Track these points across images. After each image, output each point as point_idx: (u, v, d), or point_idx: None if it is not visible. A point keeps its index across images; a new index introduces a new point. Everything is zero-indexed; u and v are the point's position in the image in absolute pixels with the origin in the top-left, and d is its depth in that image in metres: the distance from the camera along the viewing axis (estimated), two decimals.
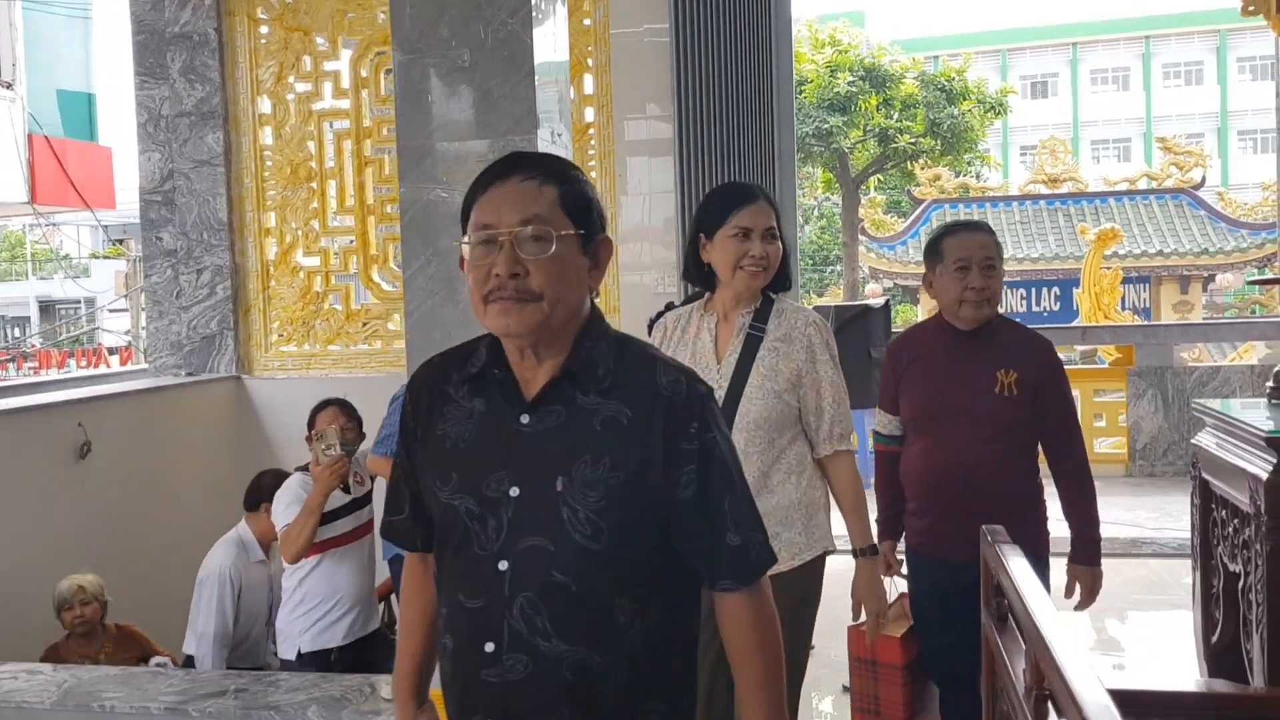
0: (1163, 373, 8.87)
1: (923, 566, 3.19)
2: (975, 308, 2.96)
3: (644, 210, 6.30)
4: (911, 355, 3.13)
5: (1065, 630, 1.45)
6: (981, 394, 2.96)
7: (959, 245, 3.00)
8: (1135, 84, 42.74)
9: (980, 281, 2.95)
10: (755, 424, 2.71)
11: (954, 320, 3.01)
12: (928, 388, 3.05)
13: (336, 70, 6.31)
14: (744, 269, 2.72)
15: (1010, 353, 3.00)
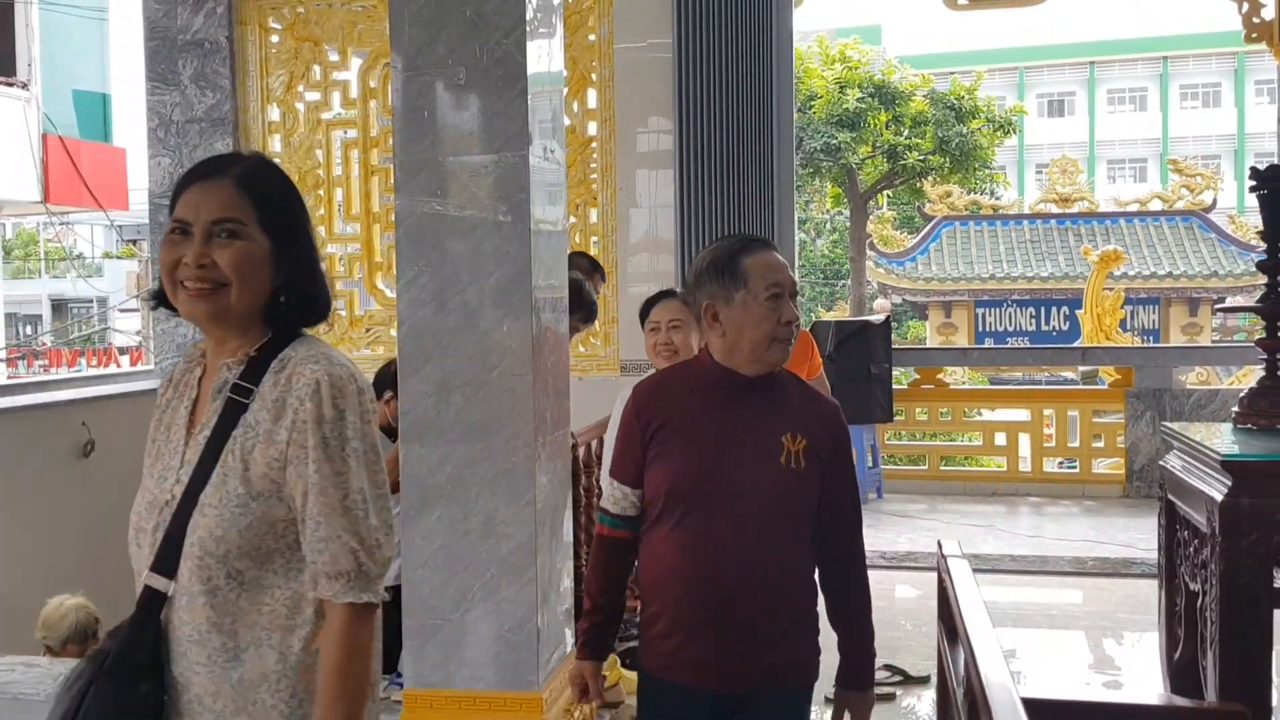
0: (1161, 395, 8.91)
1: (668, 696, 2.38)
2: (784, 349, 2.33)
3: (645, 222, 6.39)
4: (668, 411, 2.36)
5: (992, 644, 1.52)
6: (766, 465, 2.28)
7: (768, 268, 2.32)
8: (1152, 105, 42.69)
9: (793, 313, 2.33)
10: (205, 546, 1.74)
11: (748, 364, 2.32)
12: (693, 454, 2.29)
13: (345, 80, 6.41)
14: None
15: (798, 412, 2.36)
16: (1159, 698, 3.13)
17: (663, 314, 3.98)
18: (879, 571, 6.68)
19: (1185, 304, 21.00)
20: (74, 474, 5.18)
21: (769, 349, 2.31)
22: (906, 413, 9.64)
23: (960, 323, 21.78)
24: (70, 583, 4.94)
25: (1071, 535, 7.65)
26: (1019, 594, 6.37)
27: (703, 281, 2.38)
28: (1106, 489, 9.05)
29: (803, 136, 20.24)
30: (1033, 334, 21.47)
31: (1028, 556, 6.97)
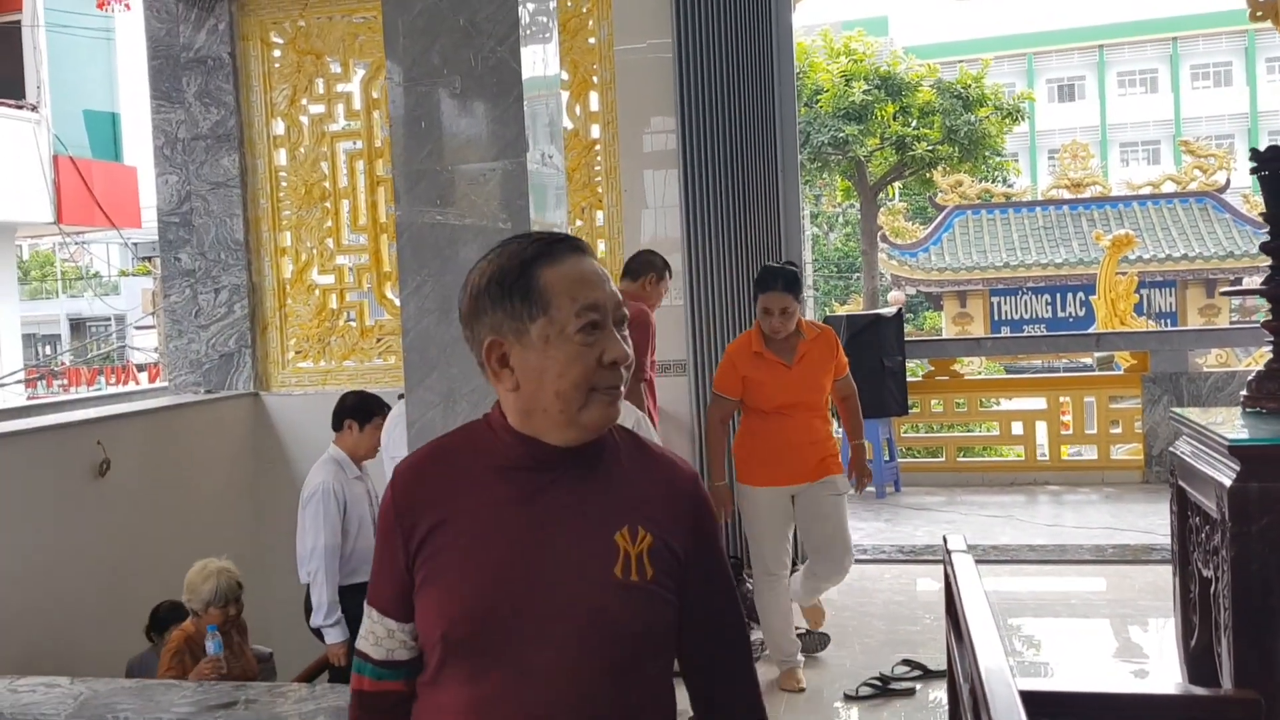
0: (1178, 378, 8.86)
1: None
2: (610, 405, 1.54)
3: (652, 223, 6.39)
4: (441, 506, 1.57)
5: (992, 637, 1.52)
6: (592, 582, 1.52)
7: (580, 282, 1.53)
8: (1163, 86, 42.45)
9: (621, 350, 1.53)
10: None
11: (557, 429, 1.53)
12: (480, 575, 1.52)
13: (348, 92, 6.44)
14: None
15: (638, 494, 1.58)
16: (1175, 686, 3.11)
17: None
18: (898, 566, 6.67)
19: (1202, 286, 20.87)
20: (90, 493, 5.21)
21: (587, 406, 1.51)
22: (922, 405, 9.60)
23: (975, 312, 21.70)
24: (87, 602, 4.97)
25: (1091, 523, 7.61)
26: (1039, 584, 6.34)
27: (481, 307, 1.55)
28: (1125, 475, 9.00)
29: (810, 130, 20.20)
30: (1049, 321, 21.37)
31: (1047, 546, 6.93)
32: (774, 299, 4.48)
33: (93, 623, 4.99)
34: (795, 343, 4.56)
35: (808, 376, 4.56)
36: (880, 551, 6.95)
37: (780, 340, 4.54)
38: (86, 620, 4.97)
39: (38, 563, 4.81)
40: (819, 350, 4.59)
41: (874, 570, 6.54)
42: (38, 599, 4.76)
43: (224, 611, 4.43)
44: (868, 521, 7.87)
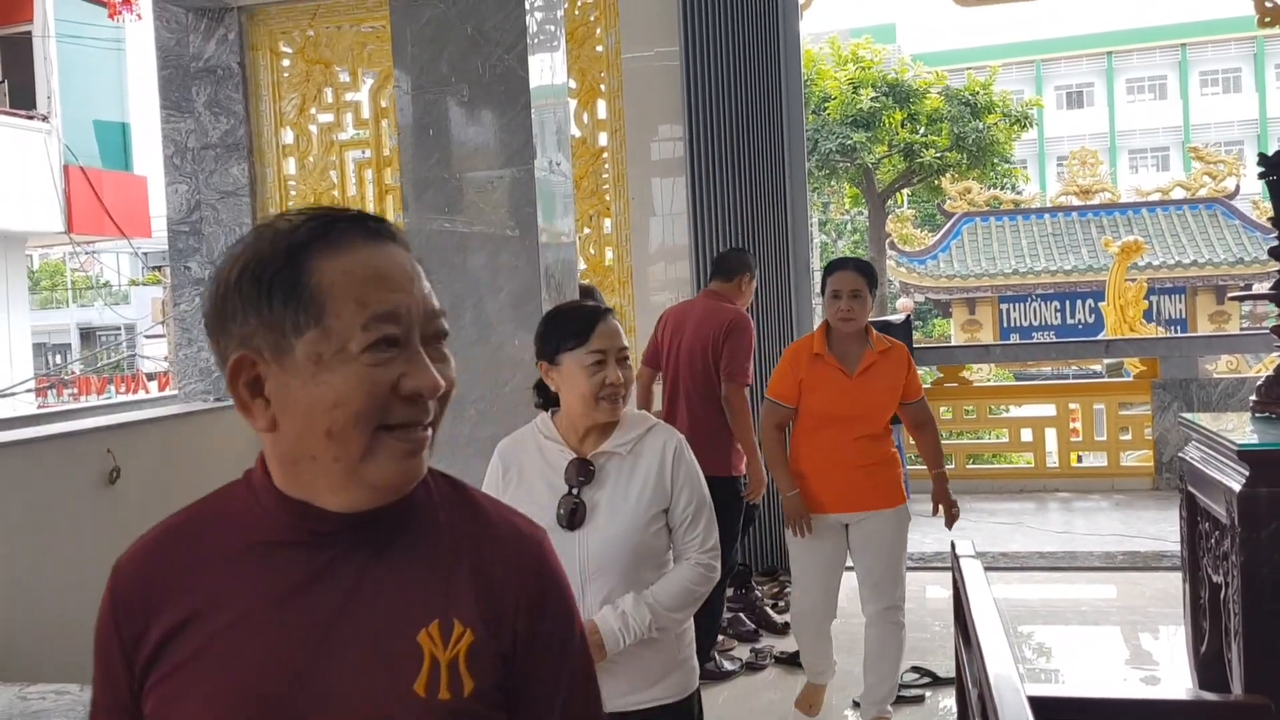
0: (1188, 384, 8.83)
1: None
2: (412, 458, 1.12)
3: (660, 230, 6.39)
4: (182, 603, 1.19)
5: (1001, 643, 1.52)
6: (382, 700, 1.09)
7: (373, 280, 1.10)
8: (1172, 93, 42.40)
9: (430, 379, 1.11)
10: None
11: (340, 489, 1.12)
12: (237, 692, 1.10)
13: (357, 101, 6.46)
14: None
15: (458, 572, 1.16)
16: (1185, 692, 3.10)
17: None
18: (908, 573, 6.62)
19: (1212, 292, 20.81)
20: (100, 501, 5.22)
21: (374, 455, 1.08)
22: (931, 412, 9.57)
23: (984, 319, 21.66)
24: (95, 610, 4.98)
25: (1101, 530, 7.58)
26: (1050, 591, 6.32)
27: (229, 310, 1.11)
28: (1136, 482, 8.98)
29: (818, 138, 20.21)
30: (1058, 328, 21.32)
31: (1057, 553, 6.91)
32: (844, 278, 3.99)
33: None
34: (861, 351, 3.99)
35: (870, 391, 3.98)
36: None
37: (846, 342, 3.99)
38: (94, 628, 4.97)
39: (48, 570, 4.82)
40: (887, 365, 4.01)
41: None
42: (47, 606, 4.77)
43: None
44: None
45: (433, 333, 1.13)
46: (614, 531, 2.38)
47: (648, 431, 2.48)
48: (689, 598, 2.45)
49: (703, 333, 4.97)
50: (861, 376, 3.97)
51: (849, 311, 3.94)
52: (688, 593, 2.44)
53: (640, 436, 2.47)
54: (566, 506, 2.40)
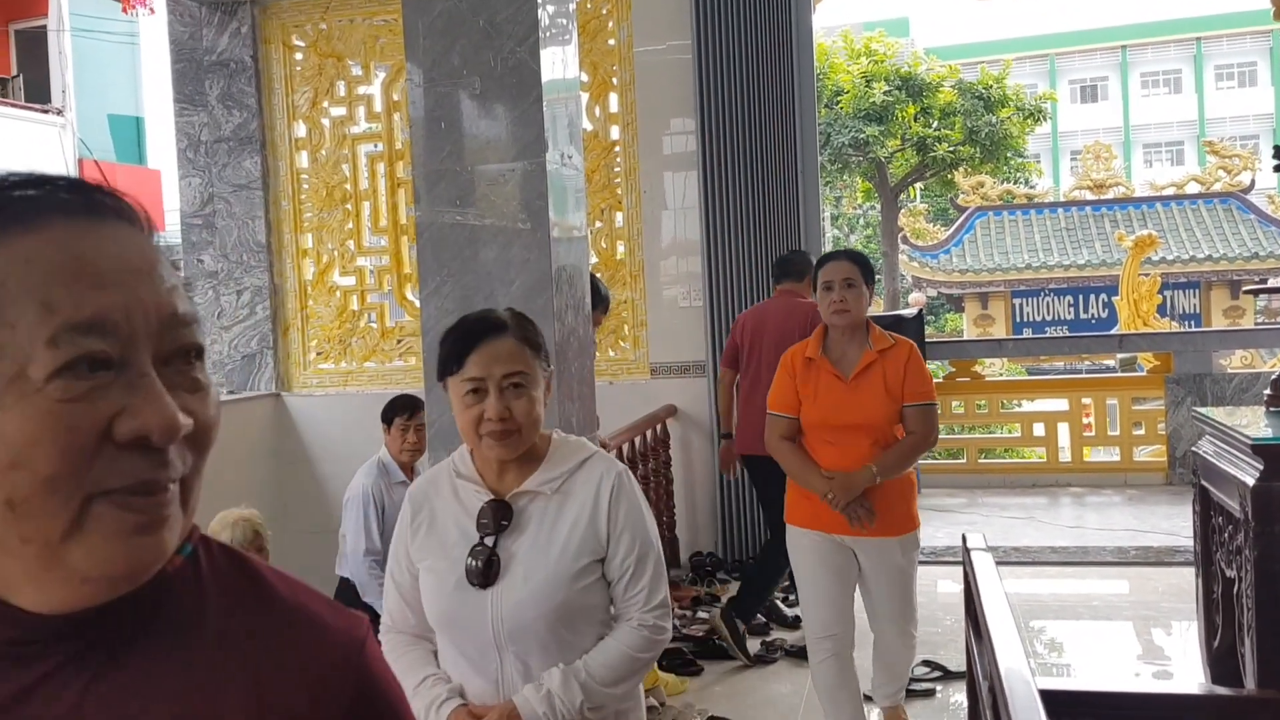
0: (1202, 379, 8.79)
1: None
2: (140, 533, 0.75)
3: (672, 224, 6.39)
4: None
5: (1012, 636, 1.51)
6: None
7: (80, 278, 0.72)
8: (1187, 87, 42.16)
9: (164, 415, 0.72)
10: None
11: (29, 582, 0.73)
12: None
13: (369, 95, 6.47)
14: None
15: (228, 690, 0.79)
16: (1197, 686, 3.09)
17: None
18: (919, 567, 6.63)
19: (1226, 287, 20.72)
20: None
21: (81, 531, 0.72)
22: (943, 406, 9.56)
23: (997, 314, 21.60)
24: None
25: (1114, 525, 7.56)
26: (1061, 586, 6.30)
27: None
28: (1149, 477, 8.94)
29: (830, 132, 20.17)
30: (1071, 323, 21.25)
31: (1069, 548, 6.89)
32: (835, 268, 3.60)
33: None
34: (859, 352, 3.60)
35: (869, 396, 3.56)
36: None
37: (842, 342, 3.62)
38: None
39: None
40: (889, 365, 3.57)
41: None
42: None
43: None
44: None
45: (175, 348, 0.76)
46: (532, 588, 1.97)
47: (581, 465, 2.05)
48: (631, 667, 2.02)
49: (787, 327, 5.29)
50: (858, 379, 3.56)
51: (842, 302, 3.55)
52: (629, 661, 2.01)
53: (571, 471, 2.03)
54: (479, 558, 1.98)
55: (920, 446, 3.59)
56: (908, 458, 3.57)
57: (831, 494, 3.50)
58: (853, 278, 3.58)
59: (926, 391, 3.58)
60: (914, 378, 3.57)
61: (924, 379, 3.59)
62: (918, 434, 3.57)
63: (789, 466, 3.68)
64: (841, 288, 3.56)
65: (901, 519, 3.62)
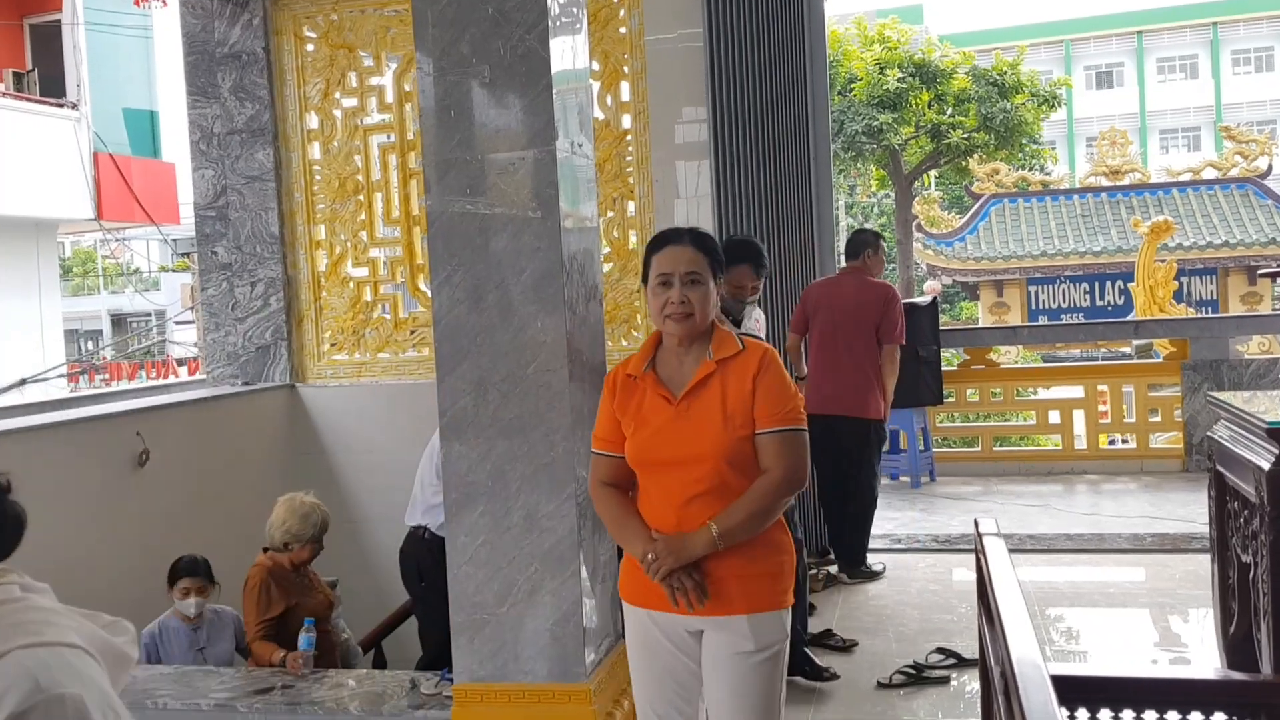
0: (1218, 366, 8.75)
1: None
2: None
3: (683, 214, 6.37)
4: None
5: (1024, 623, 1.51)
6: None
7: None
8: (1204, 72, 41.87)
9: None
10: None
11: None
12: None
13: (381, 86, 6.46)
14: None
15: None
16: (1213, 671, 3.07)
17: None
18: (933, 555, 6.63)
19: (1243, 273, 20.59)
20: (130, 484, 5.28)
21: None
22: (957, 394, 9.54)
23: (1013, 301, 21.52)
24: (126, 590, 5.04)
25: (1130, 512, 7.54)
26: (1077, 573, 6.28)
27: None
28: (1165, 464, 8.91)
29: (843, 119, 20.10)
30: (1087, 310, 21.16)
31: (1085, 535, 6.88)
32: (675, 256, 2.72)
33: (131, 610, 5.04)
34: (696, 365, 2.72)
35: (701, 421, 2.66)
36: (915, 541, 6.92)
37: (678, 353, 2.75)
38: (125, 607, 5.03)
39: (78, 551, 4.88)
40: (731, 379, 2.68)
41: (909, 559, 6.52)
42: (78, 586, 4.83)
43: (316, 546, 4.50)
44: (903, 511, 7.84)
45: None
46: None
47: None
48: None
49: (863, 302, 6.08)
50: (690, 399, 2.69)
51: (683, 306, 2.67)
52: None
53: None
54: None
55: (779, 490, 2.62)
56: (762, 508, 2.61)
57: (652, 557, 2.59)
58: (698, 270, 2.71)
59: (787, 414, 2.67)
60: (768, 394, 2.66)
61: (782, 396, 2.67)
62: (775, 473, 2.63)
63: (606, 519, 2.83)
64: (684, 284, 2.69)
65: (757, 593, 2.64)
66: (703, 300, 2.70)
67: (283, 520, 4.50)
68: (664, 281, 2.71)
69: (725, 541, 2.58)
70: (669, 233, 2.83)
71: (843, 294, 6.15)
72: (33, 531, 1.61)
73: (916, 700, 4.35)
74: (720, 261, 2.81)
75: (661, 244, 2.78)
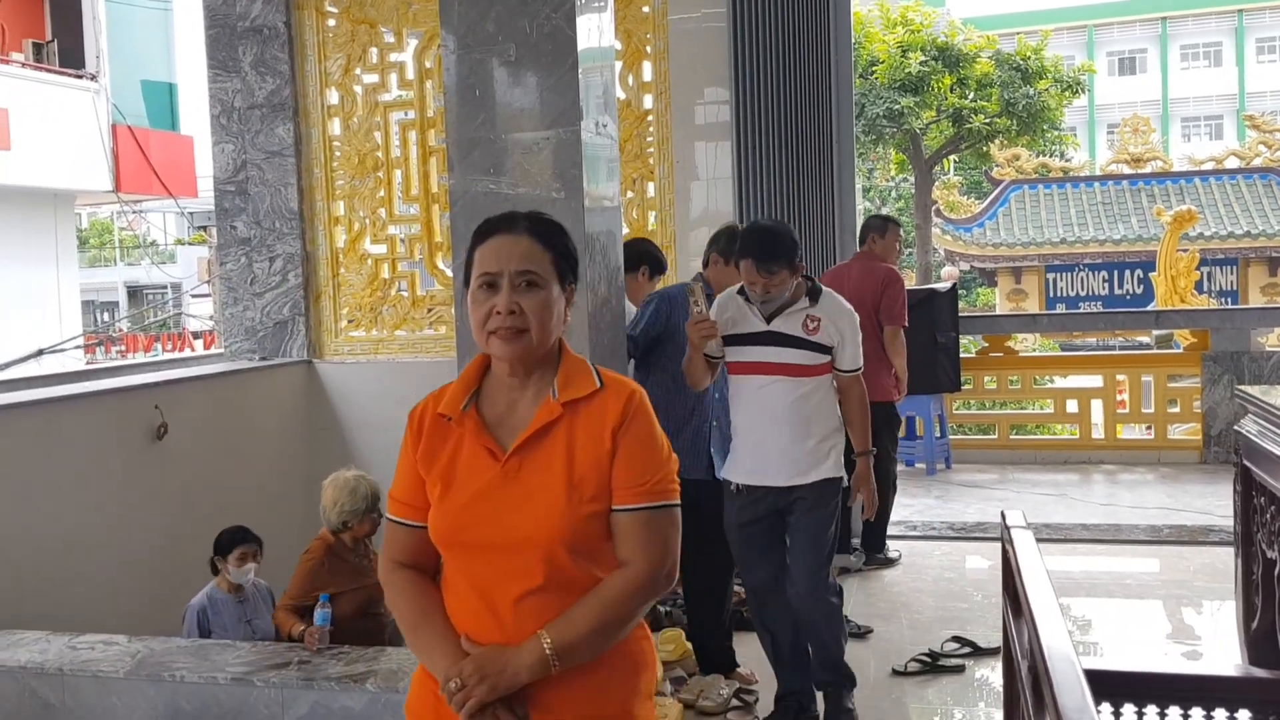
0: (1239, 357, 8.69)
1: None
2: None
3: (704, 195, 6.34)
4: None
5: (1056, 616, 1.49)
6: None
7: None
8: (1227, 60, 41.50)
9: None
10: None
11: None
12: None
13: (402, 62, 6.43)
14: None
15: None
16: (1235, 668, 3.05)
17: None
18: (949, 543, 6.62)
19: (1265, 264, 20.44)
20: (148, 457, 5.29)
21: None
22: (975, 381, 9.50)
23: (1030, 289, 21.40)
24: (143, 563, 5.06)
25: (1147, 503, 7.50)
26: (1093, 563, 6.26)
27: None
28: (1183, 455, 8.86)
29: (864, 102, 19.98)
30: (1106, 298, 21.04)
31: (1101, 525, 6.85)
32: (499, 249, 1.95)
33: (149, 583, 5.07)
34: (534, 406, 1.96)
35: (539, 488, 1.90)
36: (930, 528, 6.90)
37: (508, 384, 1.99)
38: (143, 580, 5.06)
39: (96, 524, 4.90)
40: (581, 429, 1.92)
41: (924, 547, 6.50)
42: (95, 559, 4.85)
43: (371, 519, 4.48)
44: (918, 498, 7.82)
45: None
46: None
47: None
48: None
49: (862, 285, 5.99)
50: (522, 456, 1.91)
51: (513, 318, 1.90)
52: None
53: None
54: None
55: (641, 591, 1.89)
56: (616, 617, 1.88)
57: (455, 685, 1.83)
58: (535, 270, 1.93)
59: (656, 484, 1.90)
60: (632, 456, 1.90)
61: (650, 458, 1.91)
62: (636, 568, 1.89)
63: (399, 617, 2.02)
64: (514, 287, 1.91)
65: None
66: (541, 311, 1.90)
67: (334, 501, 4.46)
68: (488, 283, 1.91)
69: (563, 661, 1.82)
70: (499, 219, 1.99)
71: (848, 279, 6.09)
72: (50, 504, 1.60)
73: (931, 688, 4.34)
74: (573, 260, 2.01)
75: (487, 233, 1.97)
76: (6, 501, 4.44)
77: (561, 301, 1.97)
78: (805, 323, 3.74)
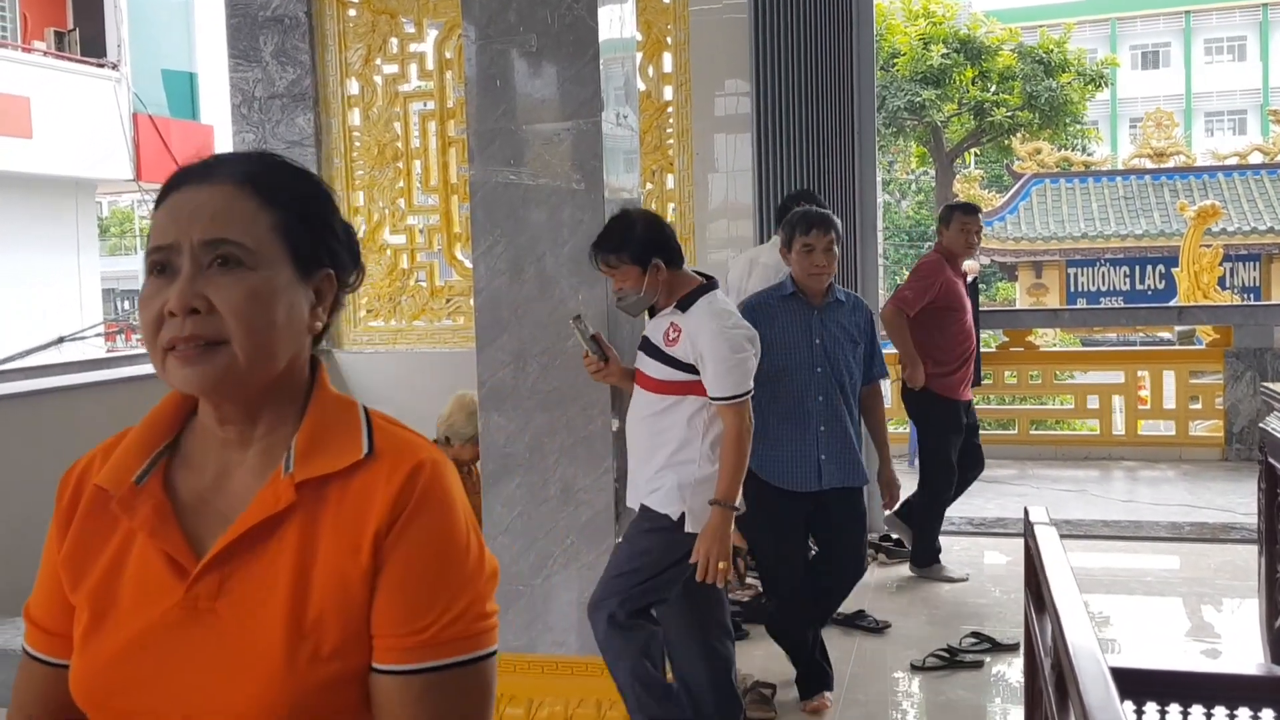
0: (1262, 354, 8.61)
1: None
2: None
3: (723, 187, 6.31)
4: None
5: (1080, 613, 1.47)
6: None
7: None
8: (1252, 54, 41.16)
9: None
10: None
11: None
12: None
13: (422, 52, 6.43)
14: None
15: None
16: (1258, 667, 3.03)
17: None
18: (968, 538, 6.58)
19: None
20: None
21: None
22: (995, 376, 9.45)
23: (1051, 283, 21.28)
24: None
25: (1168, 500, 7.45)
26: (1113, 560, 6.22)
27: None
28: (1204, 452, 8.79)
29: (885, 95, 19.89)
30: (1127, 294, 20.90)
31: (1121, 522, 6.80)
32: (179, 208, 1.15)
33: None
34: (254, 482, 1.15)
35: (248, 630, 1.06)
36: (949, 524, 6.85)
37: (220, 440, 1.20)
38: None
39: None
40: (325, 531, 1.09)
41: (943, 542, 6.44)
42: None
43: (471, 447, 4.42)
44: None
45: None
46: None
47: None
48: None
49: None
50: (224, 572, 1.09)
51: (195, 323, 1.10)
52: None
53: None
54: None
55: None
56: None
57: None
58: (233, 240, 1.12)
59: (447, 625, 1.08)
60: (409, 576, 1.09)
61: (442, 584, 1.10)
62: None
63: None
64: (196, 269, 1.11)
65: None
66: (248, 306, 1.11)
67: (447, 415, 4.37)
68: (158, 265, 1.13)
69: None
70: (194, 165, 1.21)
71: None
72: None
73: (949, 684, 4.32)
74: (326, 230, 1.20)
75: (171, 186, 1.19)
76: (26, 488, 4.45)
77: (300, 295, 1.15)
78: (668, 331, 3.14)
